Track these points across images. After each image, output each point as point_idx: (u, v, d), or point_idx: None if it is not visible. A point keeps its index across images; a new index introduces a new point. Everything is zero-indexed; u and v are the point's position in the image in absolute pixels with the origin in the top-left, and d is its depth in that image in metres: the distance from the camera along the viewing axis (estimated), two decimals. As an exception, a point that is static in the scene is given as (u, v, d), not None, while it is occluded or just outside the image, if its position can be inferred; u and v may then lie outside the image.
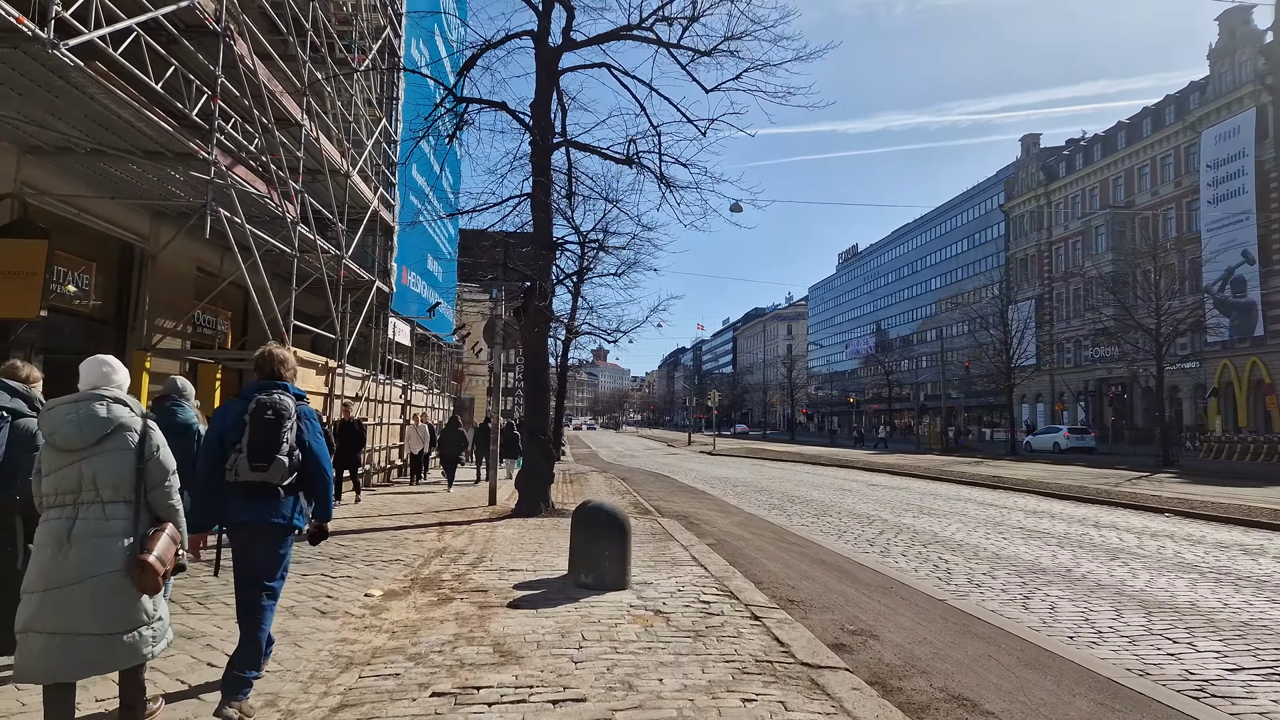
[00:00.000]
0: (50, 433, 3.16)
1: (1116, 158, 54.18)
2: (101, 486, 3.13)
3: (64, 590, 2.99)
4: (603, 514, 6.85)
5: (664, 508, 14.50)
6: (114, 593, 3.06)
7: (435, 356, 25.54)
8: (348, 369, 14.59)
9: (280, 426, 3.86)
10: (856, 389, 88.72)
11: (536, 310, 12.14)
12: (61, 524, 3.07)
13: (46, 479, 3.15)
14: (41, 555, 3.06)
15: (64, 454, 3.14)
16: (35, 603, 3.00)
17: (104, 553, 3.07)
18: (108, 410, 3.20)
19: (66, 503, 3.11)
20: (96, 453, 3.15)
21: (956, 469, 26.68)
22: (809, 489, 19.29)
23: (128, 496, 3.18)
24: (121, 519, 3.15)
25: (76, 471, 3.12)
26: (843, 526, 12.24)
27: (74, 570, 3.01)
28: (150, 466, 3.24)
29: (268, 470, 3.80)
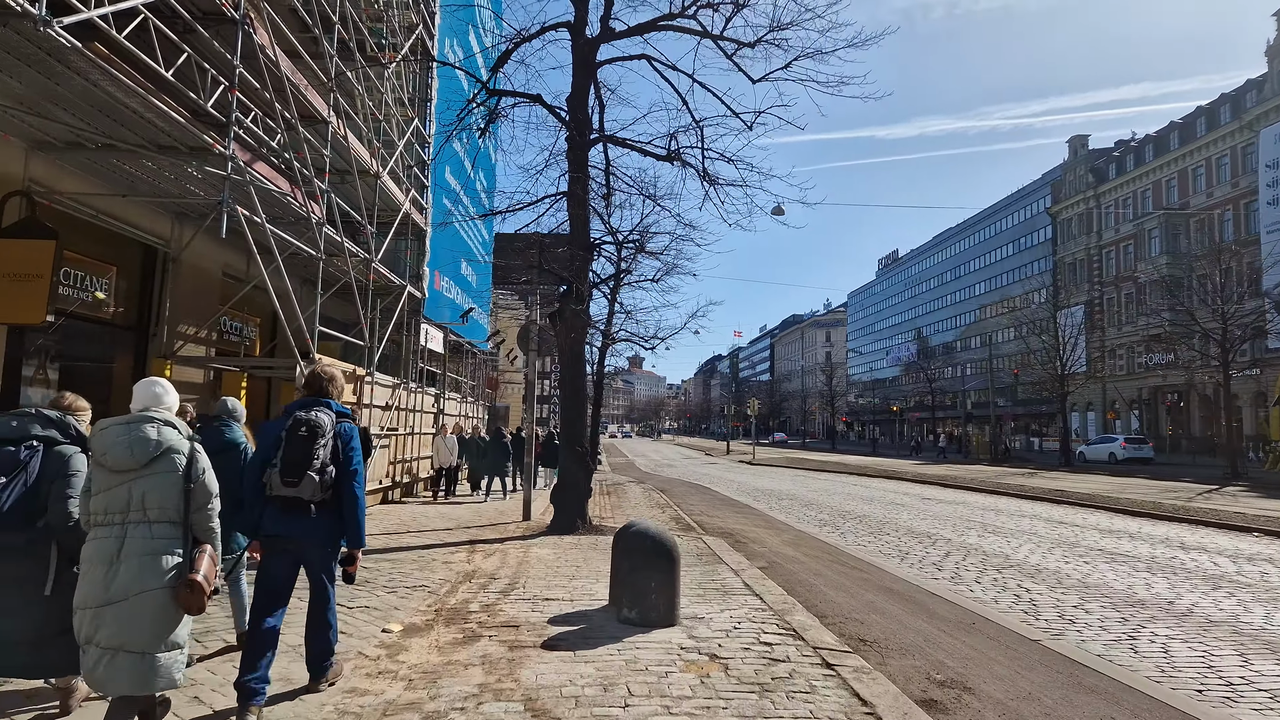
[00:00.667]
0: (101, 453, 3.23)
1: (1170, 158, 52.20)
2: (149, 507, 3.21)
3: (118, 606, 3.10)
4: (648, 540, 6.08)
5: (708, 524, 13.68)
6: (158, 611, 3.16)
7: (469, 364, 25.04)
8: (377, 377, 14.05)
9: (313, 443, 3.96)
10: (898, 397, 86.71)
11: (573, 314, 11.45)
12: (111, 543, 3.16)
13: (96, 498, 3.23)
14: (93, 572, 3.15)
15: (114, 474, 3.22)
16: (92, 617, 3.11)
17: (150, 571, 3.16)
18: (158, 433, 3.29)
19: (115, 521, 3.19)
20: (146, 474, 3.24)
21: (1012, 481, 25.38)
22: (859, 503, 18.28)
23: (173, 518, 3.26)
24: (167, 539, 3.23)
25: (126, 492, 3.20)
26: (903, 547, 11.30)
27: (124, 587, 3.12)
28: (196, 489, 3.32)
29: (298, 485, 3.92)
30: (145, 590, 3.14)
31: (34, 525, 3.41)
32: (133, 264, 11.05)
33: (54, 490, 3.46)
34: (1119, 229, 57.52)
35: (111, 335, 10.93)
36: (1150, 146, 55.11)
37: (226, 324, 13.62)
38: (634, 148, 12.20)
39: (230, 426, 5.26)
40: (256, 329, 14.56)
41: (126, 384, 11.38)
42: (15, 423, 3.56)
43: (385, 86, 13.84)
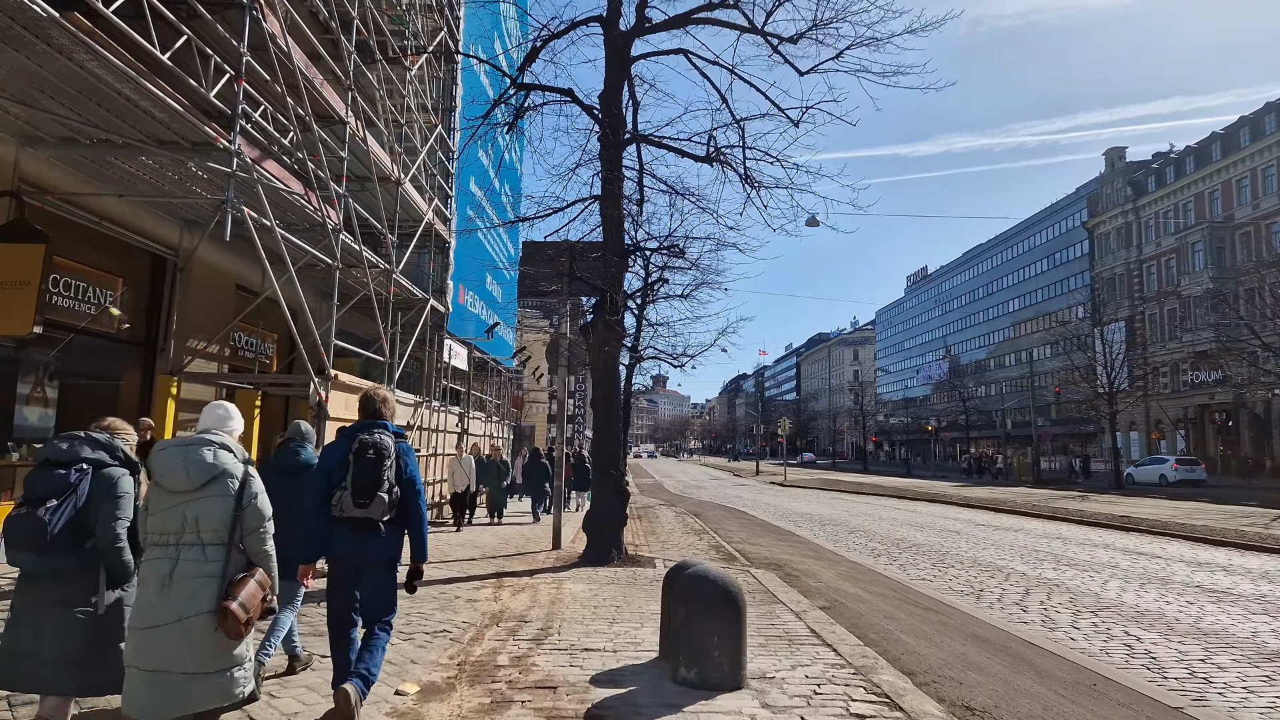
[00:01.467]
0: (159, 474, 3.26)
1: (1212, 170, 50.56)
2: (203, 529, 3.22)
3: (161, 629, 3.08)
4: (710, 585, 5.12)
5: (751, 553, 12.65)
6: (208, 633, 3.12)
7: (494, 382, 24.26)
8: (399, 395, 13.26)
9: (381, 464, 4.06)
10: (929, 416, 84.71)
11: (607, 326, 10.58)
12: (164, 564, 3.17)
13: (152, 518, 3.26)
14: (145, 593, 3.18)
15: (170, 495, 3.25)
16: (136, 639, 3.12)
17: (201, 593, 3.15)
18: (214, 455, 3.31)
19: (170, 542, 3.20)
20: (200, 496, 3.25)
21: (1068, 505, 23.97)
22: (909, 530, 17.11)
23: (225, 540, 3.25)
24: (217, 561, 3.22)
25: (181, 513, 3.22)
26: (976, 582, 10.20)
27: (172, 609, 3.10)
28: (247, 513, 3.32)
29: (369, 506, 4.01)
30: (198, 613, 3.12)
31: (83, 547, 3.41)
32: (140, 275, 10.39)
33: (102, 512, 3.43)
34: (1160, 243, 55.83)
35: (117, 351, 10.25)
36: (1191, 158, 53.53)
37: (241, 340, 12.92)
38: (671, 148, 11.38)
39: (304, 448, 5.20)
40: (274, 346, 13.87)
41: (133, 403, 10.70)
42: (65, 445, 3.54)
43: (408, 90, 13.16)
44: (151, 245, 10.03)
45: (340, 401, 10.72)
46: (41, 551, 3.30)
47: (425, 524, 4.29)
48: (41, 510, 3.31)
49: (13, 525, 3.33)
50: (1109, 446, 60.31)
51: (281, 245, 8.83)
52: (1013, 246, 79.29)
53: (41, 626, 3.37)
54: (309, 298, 11.87)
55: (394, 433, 4.26)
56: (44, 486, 3.41)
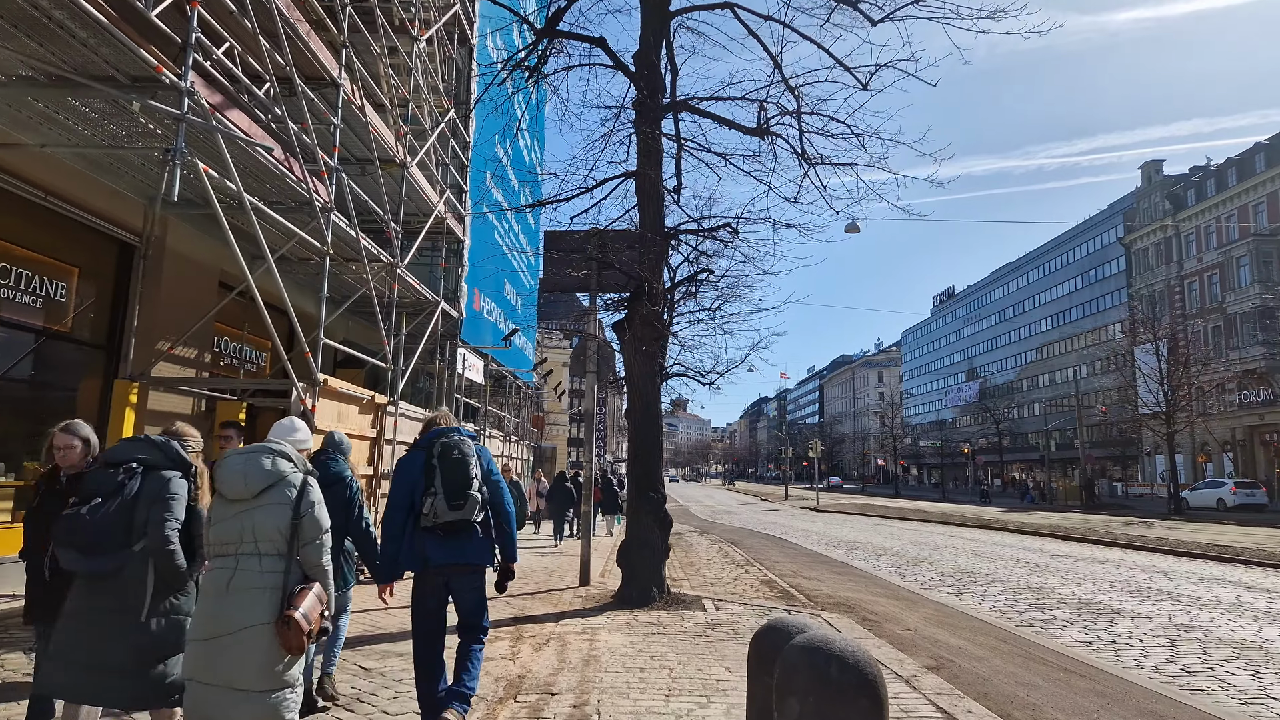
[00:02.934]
0: (220, 482, 3.20)
1: (1256, 181, 48.44)
2: (260, 539, 3.12)
3: (218, 640, 2.98)
4: (834, 664, 3.35)
5: (810, 590, 10.85)
6: (263, 647, 2.98)
7: (514, 401, 22.66)
8: (404, 408, 11.67)
9: (468, 464, 4.06)
10: (960, 439, 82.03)
11: (645, 321, 8.94)
12: (223, 574, 3.08)
13: (213, 528, 3.18)
14: (205, 604, 3.09)
15: (229, 504, 3.17)
16: (195, 651, 3.02)
17: (257, 605, 3.03)
18: (271, 463, 3.23)
19: (229, 552, 3.11)
20: (257, 505, 3.16)
21: (1140, 533, 21.83)
22: (978, 560, 15.18)
23: (281, 550, 3.15)
24: (275, 572, 3.11)
25: (239, 522, 3.13)
26: (1098, 629, 8.34)
27: (229, 621, 2.99)
28: (304, 522, 3.21)
29: (464, 507, 3.98)
30: (251, 625, 2.98)
31: (130, 549, 3.31)
32: (102, 265, 8.91)
33: (152, 513, 3.35)
34: (1201, 257, 53.66)
35: (71, 353, 8.75)
36: (1233, 170, 51.52)
37: (227, 346, 11.42)
38: (716, 117, 9.78)
39: (335, 460, 5.06)
40: (268, 355, 12.36)
41: (93, 411, 9.20)
42: (126, 447, 3.50)
43: (415, 64, 11.70)
44: (109, 228, 8.56)
45: (333, 412, 9.12)
46: (85, 550, 3.23)
47: (514, 521, 4.31)
48: (85, 508, 3.25)
49: (61, 524, 3.28)
50: (1156, 470, 57.92)
51: (254, 222, 7.29)
52: (1045, 264, 77.12)
53: (90, 632, 3.24)
54: (303, 299, 10.38)
55: (467, 435, 4.25)
56: (95, 485, 3.36)
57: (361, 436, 10.10)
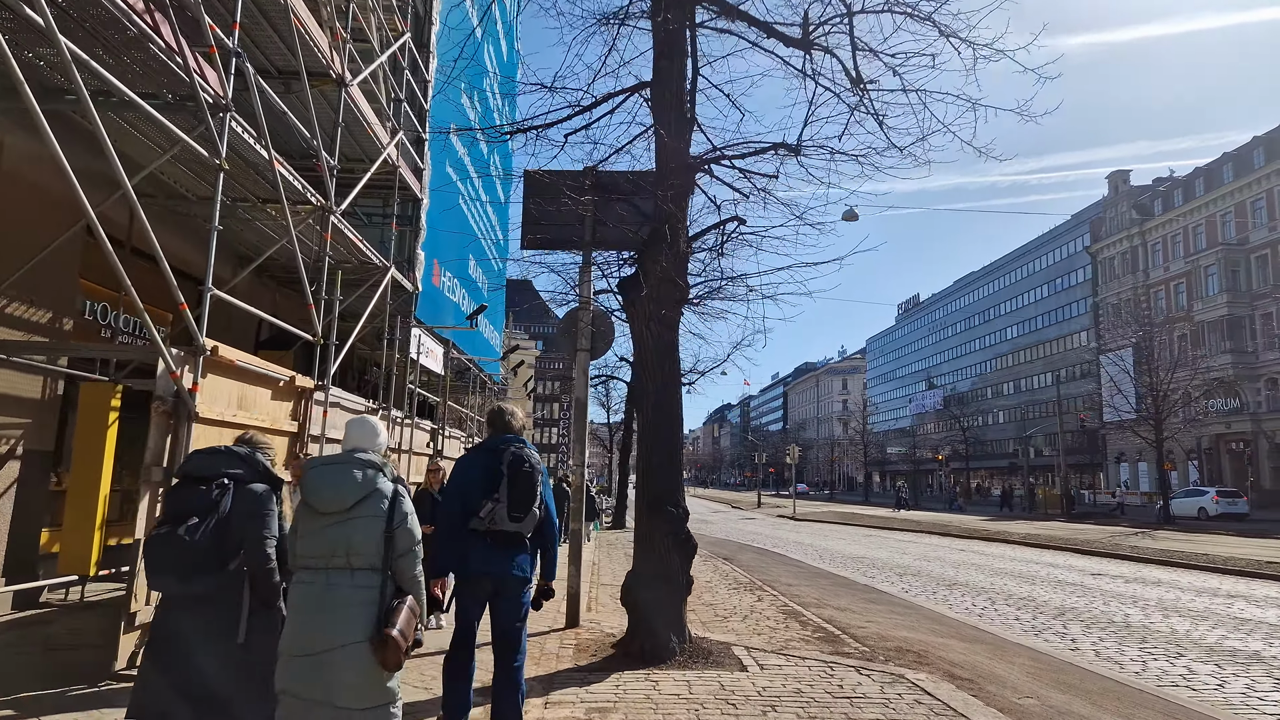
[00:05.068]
0: (310, 493, 3.08)
1: (1224, 191, 48.45)
2: (352, 553, 3.00)
3: (316, 657, 2.87)
4: None
5: (852, 626, 8.63)
6: (362, 665, 2.89)
7: (476, 398, 20.11)
8: (340, 395, 9.18)
9: (536, 480, 4.03)
10: (927, 446, 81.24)
11: (665, 277, 6.64)
12: (314, 588, 2.97)
13: (302, 540, 3.07)
14: (296, 620, 2.97)
15: (320, 516, 3.05)
16: (290, 666, 2.92)
17: (354, 621, 2.91)
18: (363, 475, 3.12)
19: (319, 566, 3.00)
20: (349, 517, 3.04)
21: (1162, 546, 20.13)
22: (1014, 581, 13.17)
23: (375, 564, 3.03)
24: (368, 587, 2.99)
25: (330, 535, 3.01)
26: (1262, 690, 6.27)
27: (326, 637, 2.89)
28: (398, 535, 3.10)
29: (523, 521, 3.97)
30: (348, 642, 2.88)
31: (226, 568, 3.17)
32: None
33: (248, 531, 3.21)
34: (1169, 267, 53.52)
35: None
36: (1201, 180, 51.51)
37: (105, 314, 8.83)
38: (751, 19, 7.50)
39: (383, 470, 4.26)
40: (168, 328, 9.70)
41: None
42: (206, 459, 3.36)
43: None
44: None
45: (229, 395, 6.62)
46: (184, 574, 3.07)
47: (558, 542, 4.36)
48: (182, 529, 3.09)
49: (154, 546, 3.12)
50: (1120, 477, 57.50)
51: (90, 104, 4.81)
52: (1011, 273, 76.91)
53: (187, 656, 3.10)
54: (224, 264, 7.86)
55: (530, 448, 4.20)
56: (185, 503, 3.19)
57: (276, 430, 7.59)
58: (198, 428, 6.01)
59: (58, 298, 7.60)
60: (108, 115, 6.57)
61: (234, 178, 7.96)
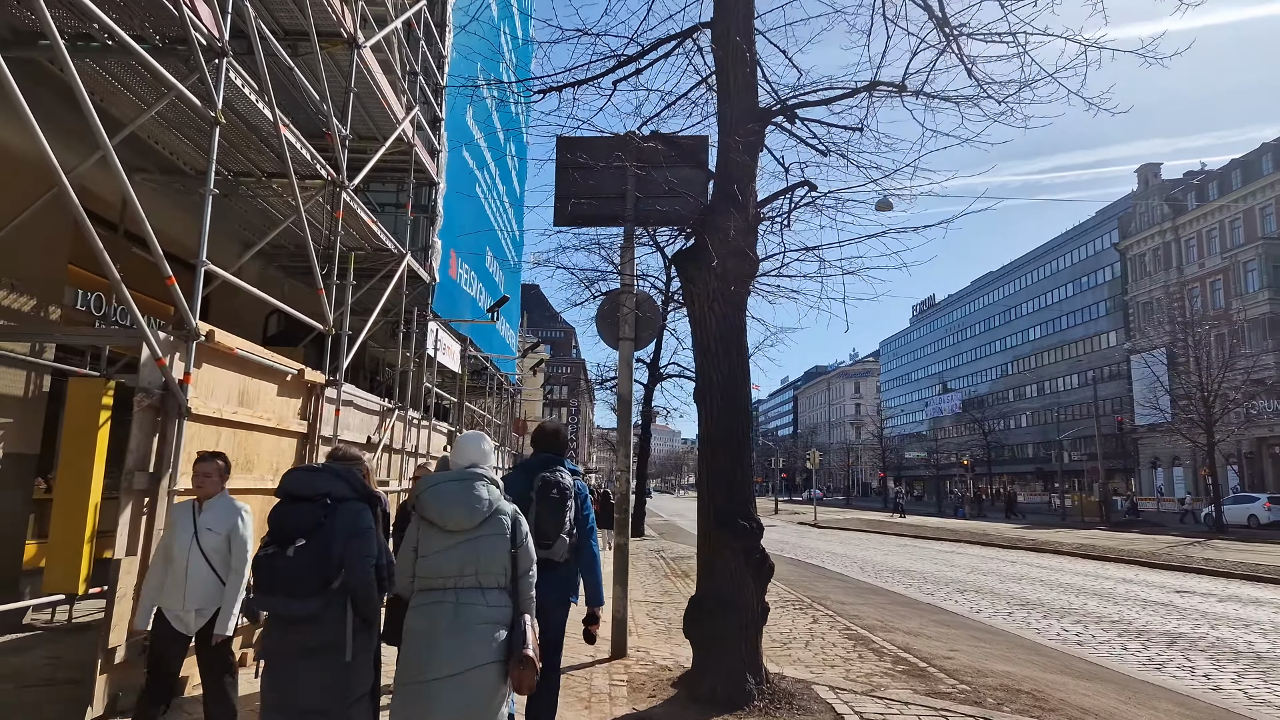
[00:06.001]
0: (436, 512, 3.00)
1: (1264, 184, 46.83)
2: (481, 572, 2.95)
3: (443, 682, 2.77)
4: None
5: (935, 656, 7.56)
6: (492, 689, 2.84)
7: (492, 401, 19.13)
8: (352, 392, 8.20)
9: (564, 506, 3.98)
10: (945, 450, 79.62)
11: (733, 250, 5.62)
12: (443, 609, 2.87)
13: (424, 560, 2.96)
14: (422, 642, 2.85)
15: (447, 535, 2.98)
16: (413, 694, 2.81)
17: (487, 643, 2.86)
18: (488, 492, 3.07)
19: (447, 586, 2.92)
20: (477, 536, 2.99)
21: (1216, 556, 18.89)
22: (1096, 600, 12.04)
23: (502, 584, 2.99)
24: (498, 607, 2.95)
25: (459, 554, 2.94)
26: None
27: (457, 660, 2.80)
28: (520, 554, 3.06)
29: (551, 548, 3.89)
30: (482, 664, 2.82)
31: (329, 588, 3.11)
32: None
33: (350, 550, 3.16)
34: (1204, 263, 51.90)
35: None
36: (1238, 172, 49.85)
37: (88, 301, 7.90)
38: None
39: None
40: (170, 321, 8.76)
41: None
42: (305, 478, 3.32)
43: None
44: None
45: (224, 388, 5.65)
46: (293, 594, 3.04)
47: (600, 567, 4.27)
48: (290, 550, 3.08)
49: (263, 567, 3.10)
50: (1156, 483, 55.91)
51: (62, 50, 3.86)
52: (1032, 272, 75.29)
53: (298, 677, 3.05)
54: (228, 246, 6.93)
55: (570, 470, 4.16)
56: (289, 523, 3.14)
57: (283, 430, 6.62)
58: (191, 426, 5.06)
59: (42, 284, 6.69)
60: (85, 64, 5.63)
61: (235, 146, 7.03)
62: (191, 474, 4.03)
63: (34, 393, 7.02)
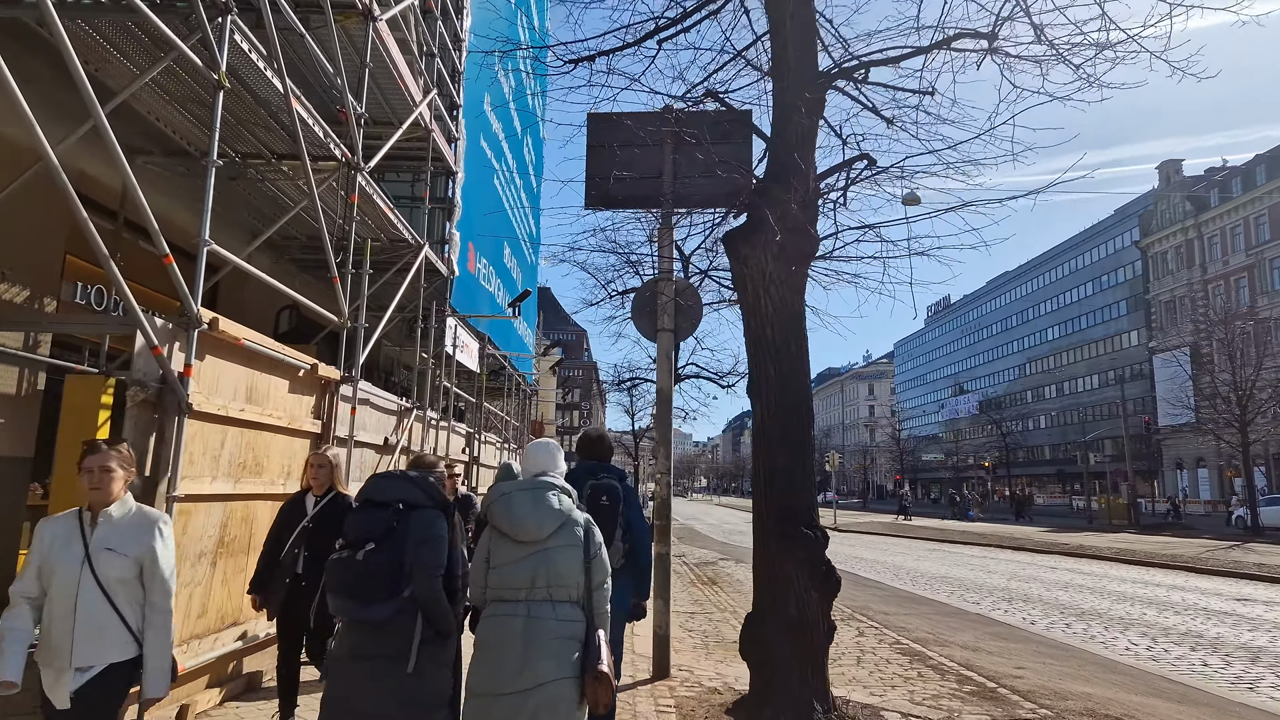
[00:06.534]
0: (506, 521, 2.96)
1: (1289, 178, 45.79)
2: (553, 584, 2.87)
3: (517, 696, 2.71)
4: None
5: (1002, 675, 6.93)
6: (566, 704, 2.74)
7: (510, 403, 18.59)
8: (369, 390, 7.66)
9: (616, 513, 4.01)
10: (963, 452, 78.54)
11: (793, 227, 5.04)
12: (513, 621, 2.82)
13: (495, 572, 2.93)
14: (495, 655, 2.81)
15: (519, 546, 2.93)
16: (483, 707, 2.77)
17: (561, 657, 2.77)
18: (558, 501, 3.02)
19: (519, 598, 2.86)
20: (548, 547, 2.92)
21: (1263, 561, 18.10)
22: (1173, 614, 11.33)
23: (575, 596, 2.91)
24: (571, 621, 2.85)
25: (530, 565, 2.88)
26: None
27: (532, 674, 2.73)
28: (594, 565, 2.98)
29: None
30: (557, 679, 2.74)
31: (401, 595, 2.98)
32: None
33: (420, 558, 3.02)
34: (1228, 260, 50.92)
35: None
36: (1262, 168, 48.93)
37: (89, 294, 7.39)
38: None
39: None
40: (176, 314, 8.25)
41: None
42: (383, 484, 3.21)
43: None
44: None
45: (229, 383, 5.11)
46: (363, 599, 2.92)
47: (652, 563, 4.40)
48: (360, 554, 2.95)
49: (334, 569, 3.00)
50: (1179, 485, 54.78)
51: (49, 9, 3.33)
52: (1050, 272, 74.19)
53: (364, 683, 2.95)
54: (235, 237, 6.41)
55: (618, 475, 4.17)
56: (362, 528, 3.03)
57: (296, 430, 6.08)
58: (193, 424, 4.53)
59: (36, 274, 6.17)
60: (76, 25, 5.12)
61: (242, 123, 6.50)
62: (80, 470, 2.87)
63: (28, 391, 6.51)
